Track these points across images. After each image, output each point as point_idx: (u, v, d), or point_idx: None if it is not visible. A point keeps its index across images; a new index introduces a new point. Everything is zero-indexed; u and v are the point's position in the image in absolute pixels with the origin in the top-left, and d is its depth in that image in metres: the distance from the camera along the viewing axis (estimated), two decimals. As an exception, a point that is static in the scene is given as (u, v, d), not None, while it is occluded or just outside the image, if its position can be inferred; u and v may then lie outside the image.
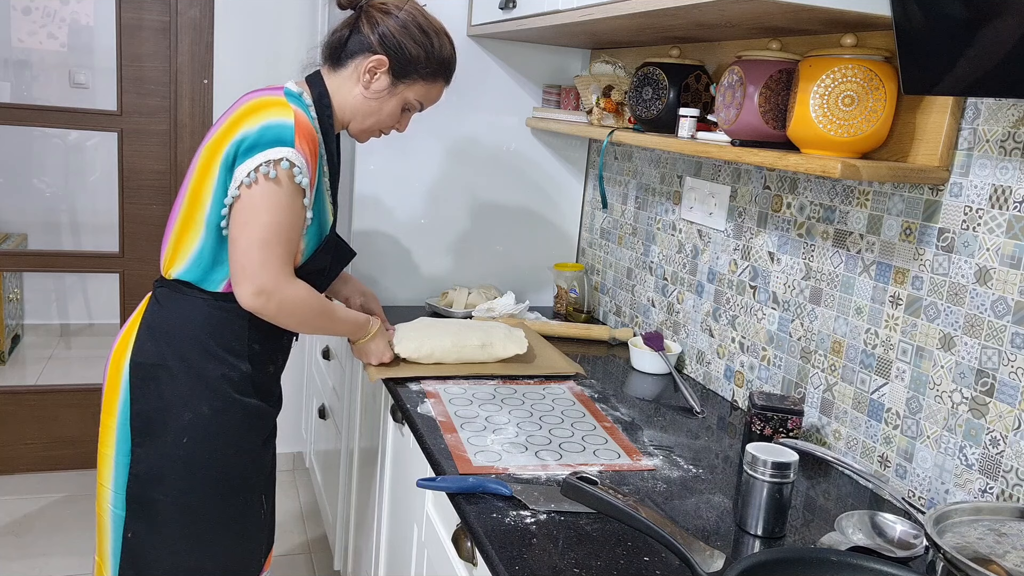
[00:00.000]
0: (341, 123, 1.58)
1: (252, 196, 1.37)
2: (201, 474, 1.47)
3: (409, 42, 1.50)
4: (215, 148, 1.41)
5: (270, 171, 1.36)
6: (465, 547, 1.24)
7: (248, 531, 1.57)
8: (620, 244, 2.25)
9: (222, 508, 1.51)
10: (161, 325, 1.47)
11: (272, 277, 1.39)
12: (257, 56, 2.98)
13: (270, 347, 1.55)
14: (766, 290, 1.67)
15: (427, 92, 1.57)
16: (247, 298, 1.40)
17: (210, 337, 1.46)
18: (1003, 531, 0.97)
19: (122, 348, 1.49)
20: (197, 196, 1.43)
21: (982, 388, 1.20)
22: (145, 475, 1.46)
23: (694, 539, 1.07)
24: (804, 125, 1.31)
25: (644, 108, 1.77)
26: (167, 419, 1.45)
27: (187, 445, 1.45)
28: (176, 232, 1.47)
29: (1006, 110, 1.18)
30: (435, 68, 1.55)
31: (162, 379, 1.45)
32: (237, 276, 1.40)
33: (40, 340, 4.42)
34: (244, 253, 1.38)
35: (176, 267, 1.47)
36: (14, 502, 2.91)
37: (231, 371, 1.47)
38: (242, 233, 1.38)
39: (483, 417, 1.52)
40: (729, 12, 1.33)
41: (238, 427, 1.50)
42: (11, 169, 4.34)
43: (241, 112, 1.42)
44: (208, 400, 1.46)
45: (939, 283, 1.28)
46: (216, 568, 1.53)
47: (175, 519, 1.47)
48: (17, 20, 4.12)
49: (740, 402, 1.74)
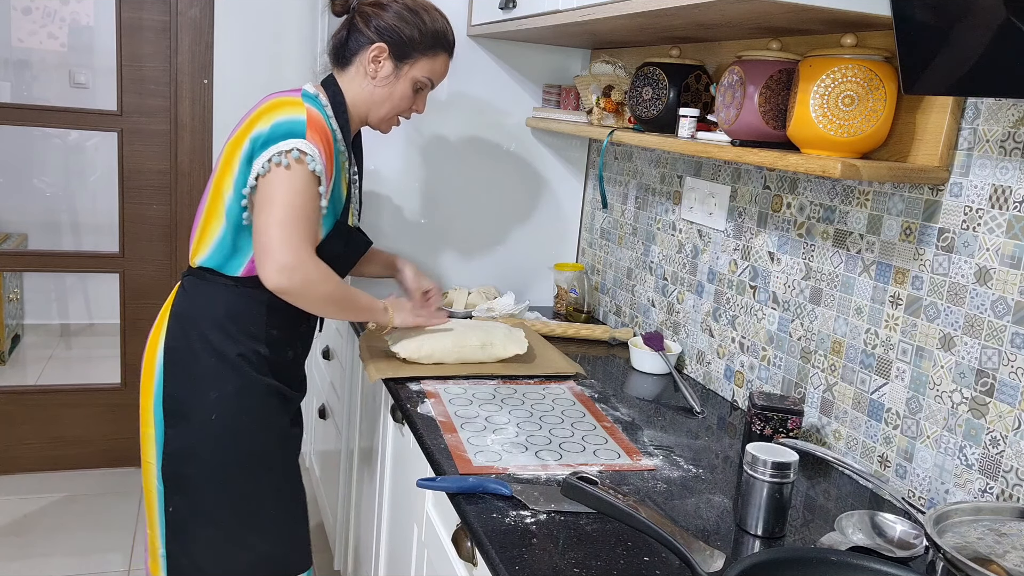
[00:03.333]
0: (359, 119, 1.67)
1: (268, 183, 1.44)
2: (231, 449, 1.54)
3: (402, 24, 1.59)
4: (235, 144, 1.50)
5: (283, 160, 1.44)
6: (465, 547, 1.24)
7: (291, 508, 1.64)
8: (620, 244, 2.25)
9: (256, 482, 1.57)
10: (187, 310, 1.56)
11: (293, 253, 1.43)
12: (257, 56, 2.98)
13: (288, 333, 1.61)
14: (766, 290, 1.67)
15: (432, 66, 1.65)
16: (271, 276, 1.43)
17: (230, 320, 1.54)
18: (1003, 531, 0.97)
19: (155, 335, 1.58)
20: (219, 189, 1.52)
21: (982, 388, 1.20)
22: (178, 453, 1.54)
23: (694, 539, 1.07)
24: (804, 125, 1.31)
25: (644, 108, 1.77)
26: (196, 399, 1.53)
27: (215, 422, 1.53)
28: (201, 223, 1.56)
29: (1006, 110, 1.18)
30: (432, 42, 1.62)
31: (189, 361, 1.54)
32: (260, 258, 1.44)
33: (40, 340, 4.42)
34: (263, 233, 1.43)
35: (200, 255, 1.56)
36: (14, 502, 2.91)
37: (248, 352, 1.55)
38: (260, 216, 1.45)
39: (483, 417, 1.52)
40: (729, 12, 1.33)
41: (262, 405, 1.57)
42: (11, 169, 4.34)
43: (259, 111, 1.51)
44: (231, 379, 1.53)
45: (939, 283, 1.28)
46: (262, 542, 1.59)
47: (210, 493, 1.55)
48: (17, 20, 4.12)
49: (740, 402, 1.74)
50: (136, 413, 1.55)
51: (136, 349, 3.12)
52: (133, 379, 3.14)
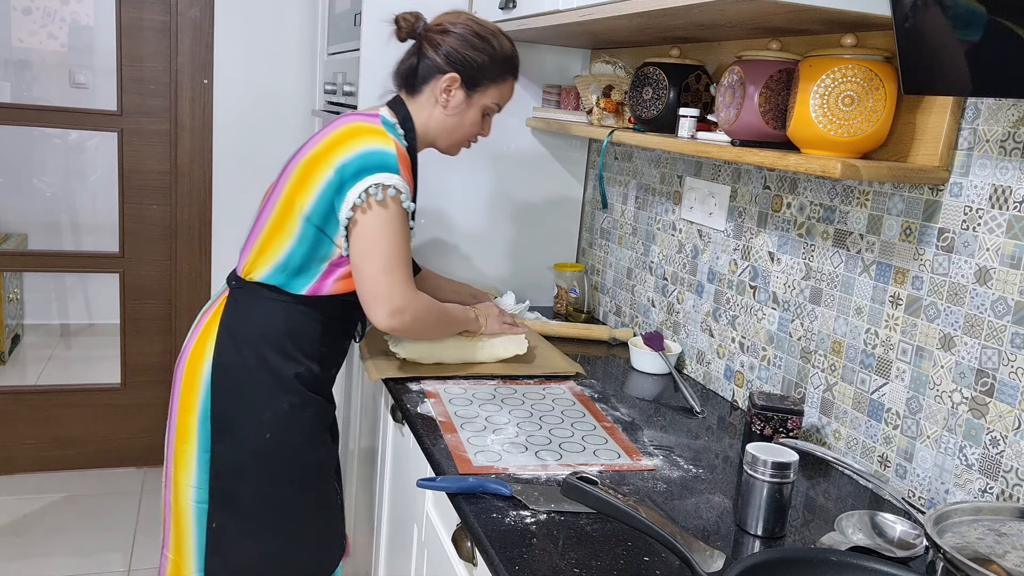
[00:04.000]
0: (424, 143, 1.66)
1: (368, 225, 1.45)
2: (282, 466, 1.54)
3: (472, 52, 1.56)
4: (312, 164, 1.48)
5: (378, 194, 1.44)
6: (465, 547, 1.24)
7: (329, 516, 1.65)
8: (620, 244, 2.25)
9: (303, 496, 1.58)
10: (241, 328, 1.53)
11: (401, 296, 1.48)
12: (257, 56, 2.98)
13: (335, 350, 1.63)
14: (766, 290, 1.67)
15: (500, 92, 1.63)
16: (383, 319, 1.48)
17: (287, 338, 1.53)
18: (1003, 531, 0.97)
19: (199, 349, 1.55)
20: (291, 205, 1.50)
21: (982, 388, 1.20)
22: (227, 470, 1.53)
23: (694, 539, 1.07)
24: (804, 125, 1.31)
25: (644, 108, 1.77)
26: (247, 416, 1.52)
27: (268, 440, 1.52)
28: (263, 237, 1.53)
29: (1006, 110, 1.18)
30: (501, 68, 1.60)
31: (242, 379, 1.52)
32: (369, 302, 1.48)
33: (40, 340, 4.42)
34: (371, 280, 1.47)
35: (260, 271, 1.53)
36: (14, 502, 2.91)
37: (304, 371, 1.55)
38: (365, 262, 1.47)
39: (483, 417, 1.52)
40: (729, 12, 1.33)
41: (313, 421, 1.58)
42: (11, 169, 4.34)
43: (339, 134, 1.50)
44: (287, 397, 1.53)
45: (939, 283, 1.28)
46: (302, 554, 1.59)
47: (258, 510, 1.54)
48: (17, 20, 4.12)
49: (740, 402, 1.74)
50: (136, 413, 1.54)
51: (136, 349, 3.12)
52: (133, 379, 3.14)
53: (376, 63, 2.15)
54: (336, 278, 1.52)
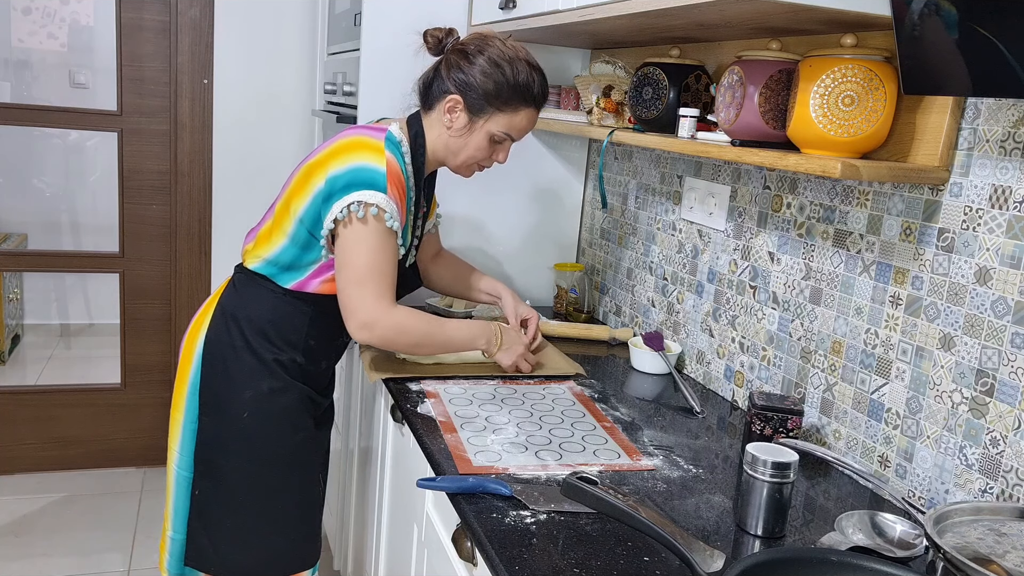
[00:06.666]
0: (436, 161, 1.65)
1: (346, 238, 1.48)
2: (261, 447, 1.59)
3: (478, 77, 1.52)
4: (311, 171, 1.52)
5: (360, 211, 1.46)
6: (465, 547, 1.24)
7: (307, 505, 1.68)
8: (620, 244, 2.25)
9: (282, 480, 1.61)
10: (233, 308, 1.60)
11: (368, 312, 1.50)
12: (257, 56, 2.98)
13: (325, 344, 1.65)
14: (766, 290, 1.67)
15: (511, 121, 1.57)
16: (354, 332, 1.52)
17: (271, 325, 1.58)
18: (1003, 531, 0.97)
19: (198, 325, 1.63)
20: (287, 208, 1.56)
21: (982, 388, 1.20)
22: (211, 442, 1.59)
23: (694, 539, 1.07)
24: (804, 125, 1.31)
25: (644, 108, 1.77)
26: (231, 394, 1.58)
27: (247, 420, 1.57)
28: (263, 232, 1.61)
29: (1006, 110, 1.18)
30: (509, 97, 1.54)
31: (228, 358, 1.58)
32: (344, 314, 1.52)
33: (40, 340, 4.42)
34: (343, 292, 1.51)
35: (254, 261, 1.61)
36: (14, 502, 2.91)
37: (285, 359, 1.59)
38: (340, 273, 1.51)
39: (483, 417, 1.52)
40: (729, 12, 1.33)
41: (295, 408, 1.61)
42: (11, 169, 4.34)
43: (339, 146, 1.52)
44: (266, 380, 1.58)
45: (939, 283, 1.28)
46: (277, 536, 1.63)
47: (236, 485, 1.59)
48: (17, 20, 4.12)
49: (740, 402, 1.74)
50: (136, 413, 1.57)
51: (136, 349, 3.13)
52: (133, 379, 3.15)
53: (376, 63, 2.15)
54: (322, 280, 1.58)
